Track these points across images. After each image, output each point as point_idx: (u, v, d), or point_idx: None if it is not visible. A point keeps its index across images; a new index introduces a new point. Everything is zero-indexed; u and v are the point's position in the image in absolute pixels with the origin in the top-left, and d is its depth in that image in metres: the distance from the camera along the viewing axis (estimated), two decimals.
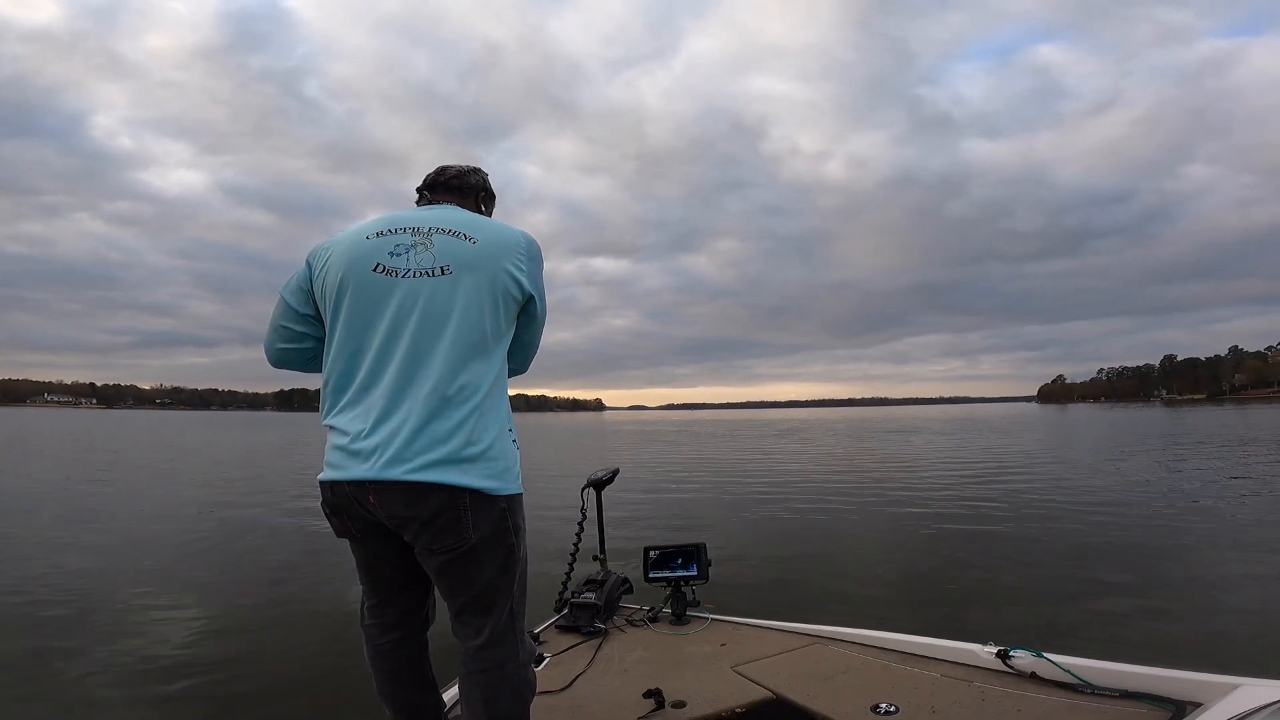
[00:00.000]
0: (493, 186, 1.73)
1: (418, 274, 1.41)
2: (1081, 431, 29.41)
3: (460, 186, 1.64)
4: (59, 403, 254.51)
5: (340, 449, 1.39)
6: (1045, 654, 1.81)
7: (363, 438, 1.36)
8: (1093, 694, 1.67)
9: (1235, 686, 1.47)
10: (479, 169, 1.70)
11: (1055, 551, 6.05)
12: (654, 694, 1.85)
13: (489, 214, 1.70)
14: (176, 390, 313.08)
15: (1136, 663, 1.72)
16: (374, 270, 1.42)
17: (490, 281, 1.42)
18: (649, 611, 2.60)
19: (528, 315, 1.53)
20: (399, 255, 1.42)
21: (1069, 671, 1.75)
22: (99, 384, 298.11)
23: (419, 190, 1.66)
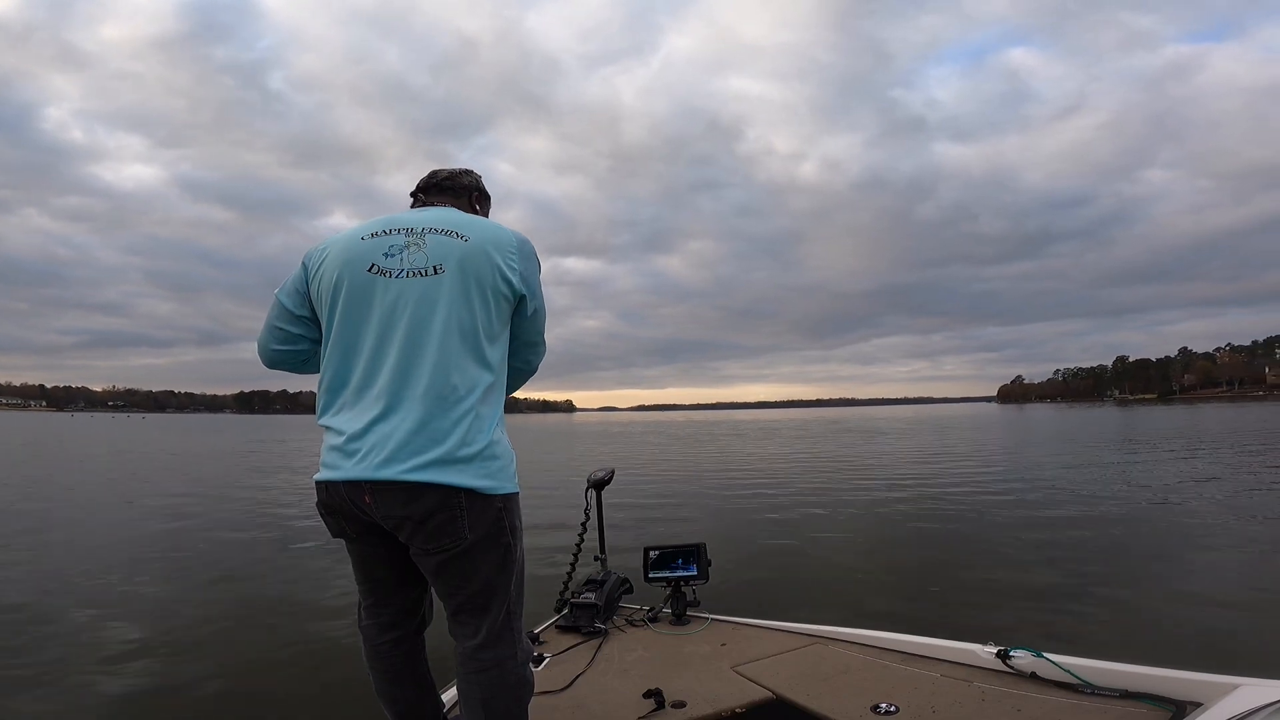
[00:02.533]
0: (486, 187, 1.74)
1: (411, 274, 1.41)
2: (1049, 431, 29.50)
3: (453, 187, 1.65)
4: (7, 405, 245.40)
5: (336, 449, 1.40)
6: (1045, 654, 1.81)
7: (358, 437, 1.37)
8: (1093, 694, 1.67)
9: (1235, 686, 1.47)
10: (470, 170, 1.71)
11: (1053, 551, 6.03)
12: (654, 694, 1.85)
13: (484, 214, 1.71)
14: (130, 392, 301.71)
15: (1136, 663, 1.71)
16: (368, 271, 1.43)
17: (481, 280, 1.42)
18: (649, 611, 2.60)
19: (522, 315, 1.53)
20: (393, 256, 1.43)
21: (1069, 671, 1.75)
22: (48, 385, 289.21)
23: (413, 194, 1.67)
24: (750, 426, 44.28)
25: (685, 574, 2.59)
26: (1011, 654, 1.86)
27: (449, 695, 1.70)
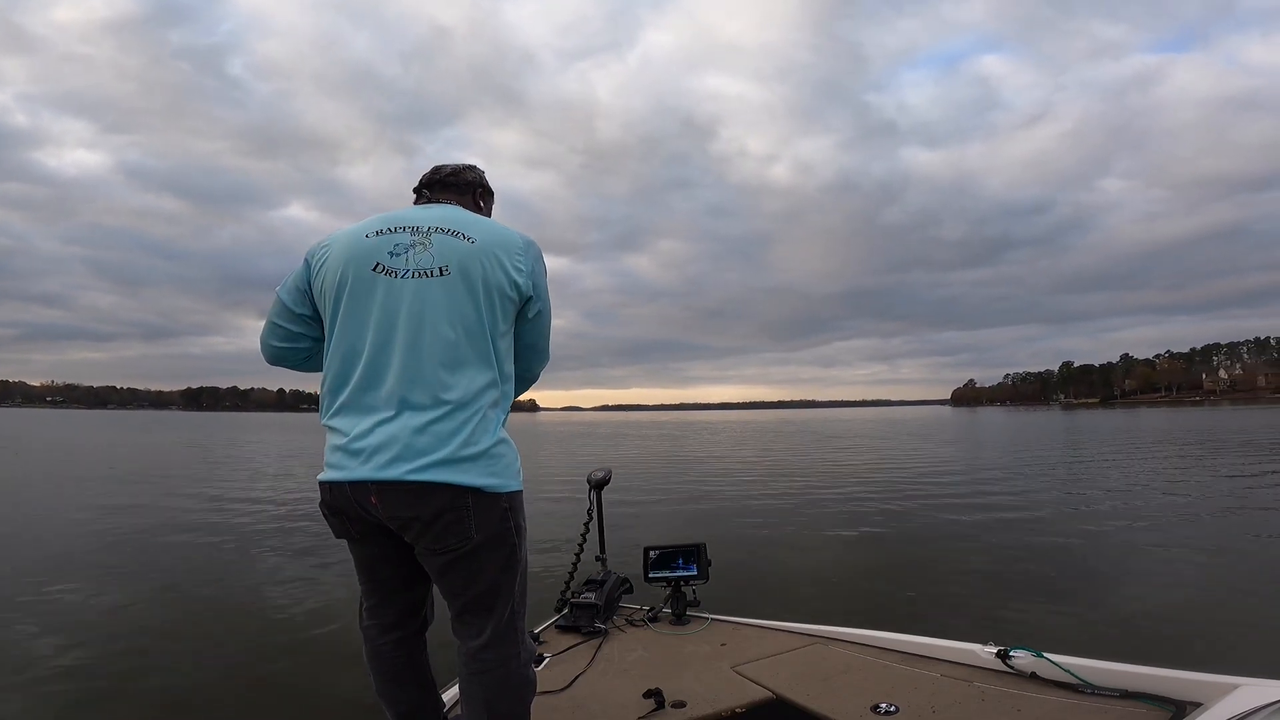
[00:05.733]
0: (489, 183, 1.73)
1: (417, 274, 1.40)
2: (1010, 434, 29.67)
3: (457, 184, 1.65)
4: None
5: (340, 449, 1.39)
6: (1045, 654, 1.81)
7: (363, 437, 1.36)
8: (1093, 694, 1.68)
9: (1235, 686, 1.47)
10: (474, 166, 1.70)
11: (1048, 551, 6.06)
12: (654, 694, 1.85)
13: (488, 210, 1.71)
14: (70, 388, 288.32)
15: (1136, 663, 1.72)
16: (373, 269, 1.42)
17: (488, 281, 1.42)
18: (649, 611, 2.60)
19: (527, 316, 1.52)
20: (398, 255, 1.42)
21: (1069, 671, 1.75)
22: None
23: (416, 190, 1.66)
24: (711, 428, 43.82)
25: (685, 574, 2.59)
26: (1011, 654, 1.87)
27: (450, 695, 1.70)
